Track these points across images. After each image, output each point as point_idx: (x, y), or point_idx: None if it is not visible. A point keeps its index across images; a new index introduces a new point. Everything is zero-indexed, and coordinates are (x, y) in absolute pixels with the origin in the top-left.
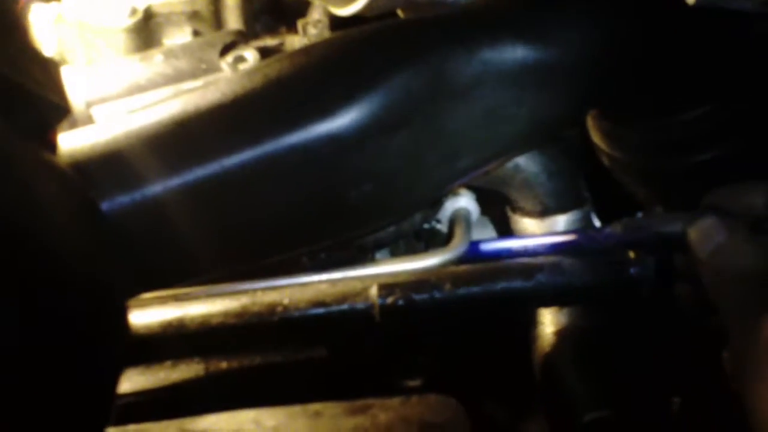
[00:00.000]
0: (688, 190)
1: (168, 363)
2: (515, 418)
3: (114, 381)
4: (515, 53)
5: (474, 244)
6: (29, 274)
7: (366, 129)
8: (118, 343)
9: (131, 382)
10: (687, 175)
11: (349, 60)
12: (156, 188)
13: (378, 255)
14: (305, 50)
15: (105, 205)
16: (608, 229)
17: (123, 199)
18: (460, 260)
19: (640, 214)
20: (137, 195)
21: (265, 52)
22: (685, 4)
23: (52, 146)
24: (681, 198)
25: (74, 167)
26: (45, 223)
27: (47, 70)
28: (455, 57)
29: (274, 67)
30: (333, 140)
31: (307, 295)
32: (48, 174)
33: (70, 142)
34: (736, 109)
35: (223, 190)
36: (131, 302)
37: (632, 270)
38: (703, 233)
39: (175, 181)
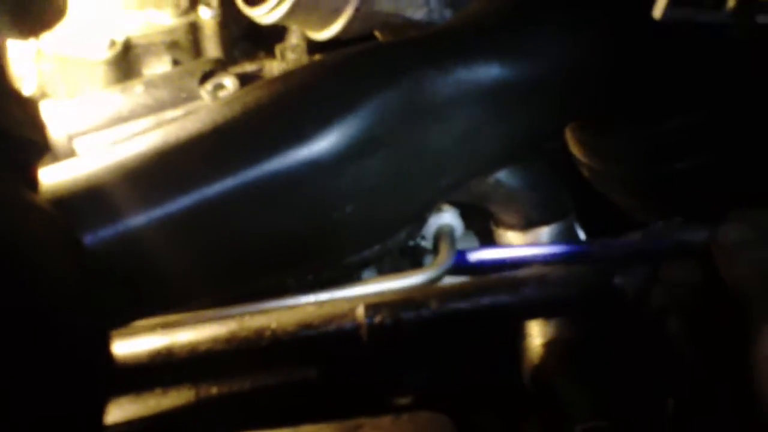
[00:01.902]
0: (667, 199)
1: (158, 390)
2: (510, 429)
3: (99, 413)
4: (490, 72)
5: (462, 254)
6: (11, 312)
7: (344, 152)
8: (103, 374)
9: (121, 410)
10: (665, 184)
11: (325, 86)
12: (138, 220)
13: (364, 273)
14: (282, 78)
15: (88, 239)
16: (626, 237)
17: (105, 233)
18: (447, 274)
19: (658, 224)
20: (120, 227)
21: (244, 78)
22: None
23: (33, 184)
24: (660, 206)
25: (56, 202)
26: (26, 261)
27: (26, 108)
28: (429, 78)
29: (253, 96)
30: (312, 165)
31: (295, 318)
32: (28, 213)
33: (52, 177)
34: (712, 117)
35: (205, 219)
36: (119, 331)
37: (617, 281)
38: (731, 239)
39: (157, 212)
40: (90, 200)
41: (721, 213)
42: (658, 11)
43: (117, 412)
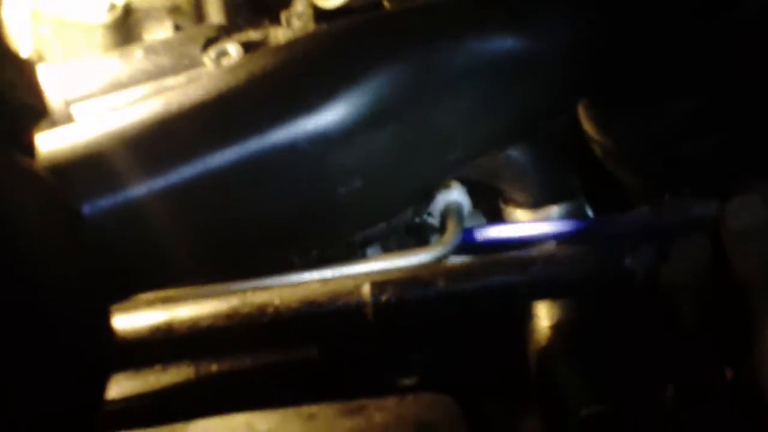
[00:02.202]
0: (679, 178)
1: (157, 367)
2: (511, 413)
3: (101, 387)
4: (503, 44)
5: (470, 231)
6: (7, 280)
7: (353, 124)
8: (103, 348)
9: (120, 387)
10: (679, 163)
11: (334, 55)
12: (138, 190)
13: (369, 251)
14: (289, 45)
15: (86, 208)
16: (635, 212)
17: (104, 202)
18: (454, 252)
19: (667, 198)
20: (119, 197)
21: (248, 46)
22: None
23: (30, 149)
24: (672, 186)
25: (53, 170)
26: (23, 229)
27: (22, 71)
28: (442, 49)
29: (258, 63)
30: (320, 137)
31: (299, 294)
32: (24, 179)
33: (49, 143)
34: (724, 96)
35: (207, 190)
36: (118, 306)
37: (627, 260)
38: (741, 212)
39: (157, 182)
40: (88, 168)
41: (732, 185)
42: None
43: (115, 388)
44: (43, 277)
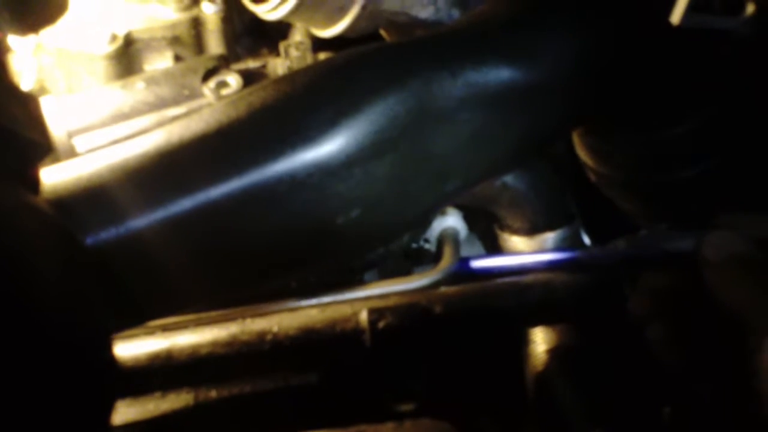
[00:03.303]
0: (675, 205)
1: (157, 394)
2: None
3: (105, 416)
4: (500, 74)
5: (466, 261)
6: (13, 313)
7: (352, 155)
8: (107, 377)
9: (120, 414)
10: (673, 190)
11: (333, 86)
12: (140, 221)
13: (367, 276)
14: (289, 77)
15: (89, 240)
16: (611, 246)
17: (107, 234)
18: (451, 279)
19: (644, 232)
20: (121, 229)
21: (247, 76)
22: (668, 22)
23: (34, 184)
24: (668, 213)
25: (57, 203)
26: (27, 264)
27: (27, 107)
28: (440, 80)
29: (258, 95)
30: (319, 168)
31: (297, 321)
32: (27, 215)
33: (53, 177)
34: (720, 123)
35: (208, 221)
36: (117, 334)
37: (623, 287)
38: (718, 246)
39: (159, 214)
40: (91, 201)
41: (707, 220)
42: (676, 17)
43: (115, 415)
44: (48, 308)
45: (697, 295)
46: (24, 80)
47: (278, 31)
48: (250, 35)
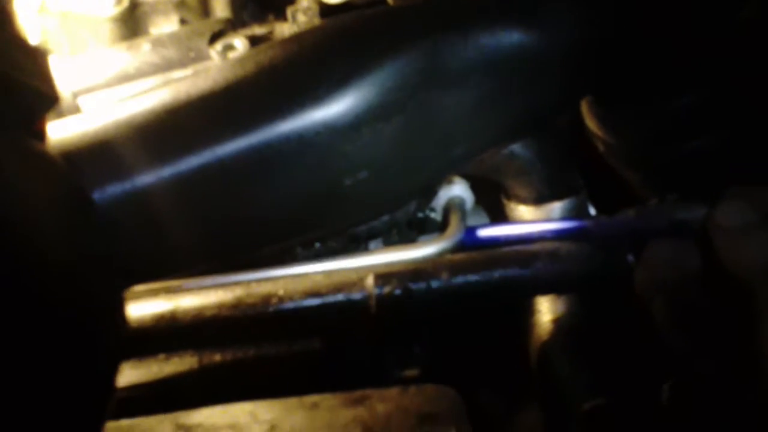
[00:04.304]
0: (683, 176)
1: (161, 356)
2: (513, 406)
3: (112, 373)
4: (511, 38)
5: (472, 230)
6: (22, 265)
7: (360, 116)
8: (116, 334)
9: (124, 376)
10: (681, 161)
11: (342, 46)
12: (147, 178)
13: (372, 244)
14: (297, 37)
15: (95, 195)
16: (619, 215)
17: (114, 189)
18: (456, 248)
19: (653, 201)
20: (128, 185)
21: (254, 41)
22: None
23: (41, 135)
24: (675, 184)
25: (64, 157)
26: (36, 213)
27: (34, 58)
28: (450, 42)
29: (266, 55)
30: (327, 128)
31: (303, 286)
32: (37, 163)
33: (59, 132)
34: (728, 94)
35: (215, 180)
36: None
37: (629, 257)
38: (730, 213)
39: (166, 171)
40: (98, 156)
41: (719, 190)
42: None
43: (119, 377)
44: (54, 260)
45: (706, 265)
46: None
47: None
48: (256, 1)
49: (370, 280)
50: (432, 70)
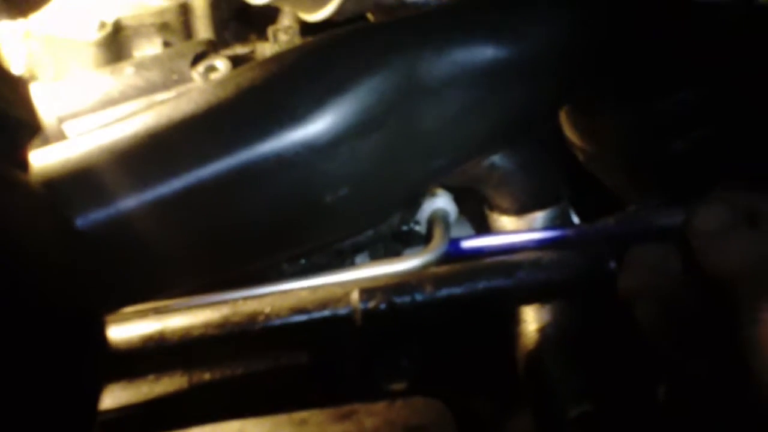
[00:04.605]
0: (662, 181)
1: (150, 376)
2: (501, 416)
3: (96, 397)
4: (486, 52)
5: (456, 242)
6: (4, 293)
7: (339, 133)
8: (98, 358)
9: (113, 397)
10: (660, 165)
11: (319, 65)
12: (130, 202)
13: (357, 258)
14: (276, 57)
15: (79, 221)
16: (600, 223)
17: (97, 215)
18: (441, 260)
19: (632, 207)
20: (111, 210)
21: (236, 61)
22: None
23: (23, 165)
24: (655, 189)
25: (47, 184)
26: (18, 242)
27: (16, 88)
28: (426, 58)
29: (246, 76)
30: (306, 146)
31: (289, 302)
32: (17, 194)
33: (42, 159)
34: (706, 97)
35: (197, 201)
36: (110, 317)
37: (611, 263)
38: (708, 217)
39: (149, 195)
40: (80, 182)
41: (697, 194)
42: None
43: (109, 398)
44: (38, 288)
45: (687, 269)
46: (14, 67)
47: (266, 16)
48: (238, 21)
49: (355, 295)
50: (408, 86)
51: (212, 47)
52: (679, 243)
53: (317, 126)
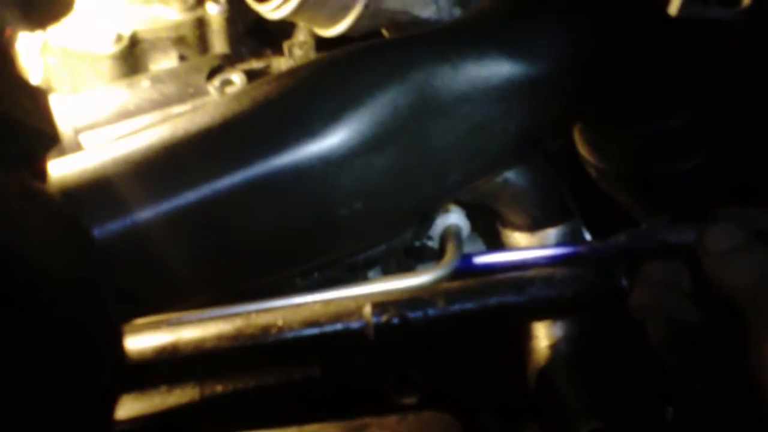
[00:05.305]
0: (673, 198)
1: (163, 388)
2: (512, 429)
3: (111, 406)
4: (500, 68)
5: (468, 258)
6: (20, 301)
7: (354, 148)
8: (115, 368)
9: (126, 408)
10: (671, 183)
11: (335, 79)
12: (146, 213)
13: (369, 273)
14: (292, 72)
15: (96, 232)
16: (612, 240)
17: (114, 226)
18: (453, 276)
19: (644, 225)
20: (128, 221)
21: (251, 75)
22: (665, 14)
23: (42, 175)
24: (666, 206)
25: (64, 194)
26: (36, 251)
27: (35, 98)
28: (441, 74)
29: (262, 90)
30: (321, 160)
31: (301, 315)
32: (37, 203)
33: (60, 169)
34: (715, 115)
35: (213, 214)
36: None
37: (623, 280)
38: (719, 237)
39: (165, 206)
40: (98, 193)
41: (706, 212)
42: (674, 8)
43: (121, 409)
44: (55, 297)
45: (697, 287)
46: (31, 79)
47: (281, 31)
48: (254, 36)
49: (367, 309)
50: (423, 102)
51: (228, 61)
52: (689, 261)
53: (332, 140)
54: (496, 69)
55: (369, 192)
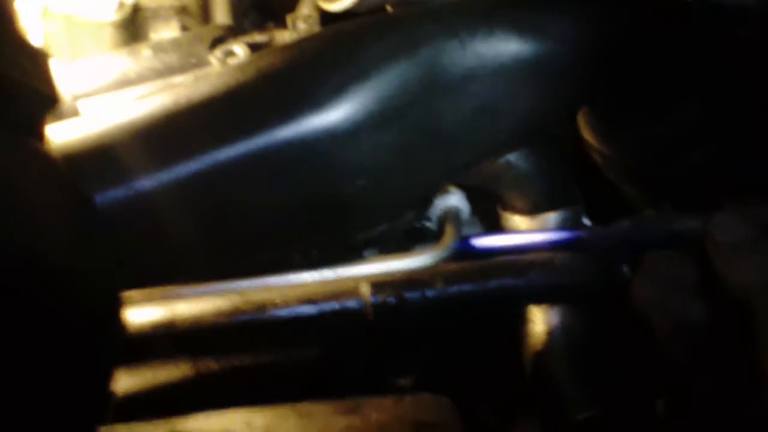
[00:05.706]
0: (678, 189)
1: (157, 362)
2: (507, 416)
3: (109, 376)
4: (510, 47)
5: (467, 240)
6: (19, 265)
7: (359, 123)
8: (114, 337)
9: (120, 381)
10: (677, 174)
11: (342, 52)
12: (148, 181)
13: (367, 253)
14: (298, 43)
15: (97, 198)
16: (615, 226)
17: (115, 192)
18: (452, 257)
19: (649, 212)
20: (129, 188)
21: (254, 48)
22: (682, 2)
23: (41, 137)
24: (671, 197)
25: (64, 159)
26: (36, 213)
27: (35, 60)
28: (450, 50)
29: (267, 60)
30: (326, 134)
31: (299, 293)
32: (38, 163)
33: (60, 134)
34: (724, 109)
35: (215, 184)
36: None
37: (624, 268)
38: (726, 228)
39: (167, 175)
40: (99, 159)
41: (715, 203)
42: None
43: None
44: (54, 261)
45: (703, 280)
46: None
47: (285, 5)
48: (257, 9)
49: (366, 289)
50: (431, 78)
51: (231, 33)
52: (695, 255)
53: (338, 113)
54: (505, 47)
55: (374, 169)
